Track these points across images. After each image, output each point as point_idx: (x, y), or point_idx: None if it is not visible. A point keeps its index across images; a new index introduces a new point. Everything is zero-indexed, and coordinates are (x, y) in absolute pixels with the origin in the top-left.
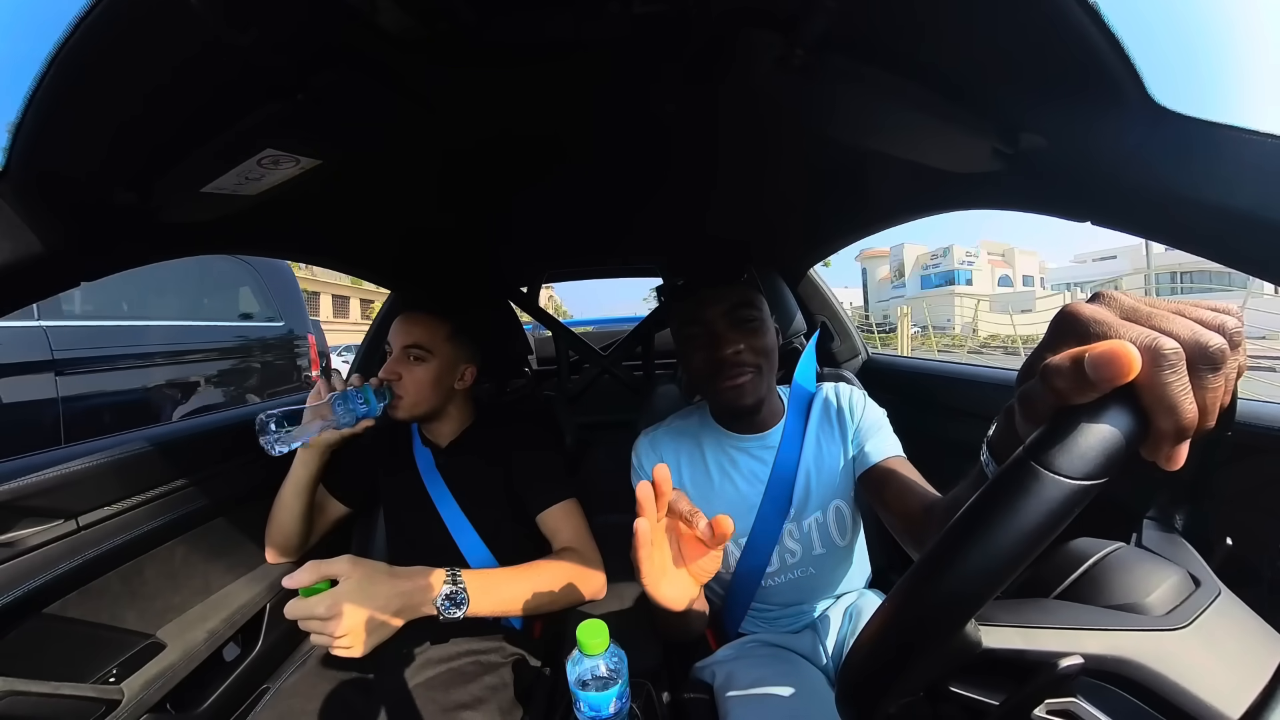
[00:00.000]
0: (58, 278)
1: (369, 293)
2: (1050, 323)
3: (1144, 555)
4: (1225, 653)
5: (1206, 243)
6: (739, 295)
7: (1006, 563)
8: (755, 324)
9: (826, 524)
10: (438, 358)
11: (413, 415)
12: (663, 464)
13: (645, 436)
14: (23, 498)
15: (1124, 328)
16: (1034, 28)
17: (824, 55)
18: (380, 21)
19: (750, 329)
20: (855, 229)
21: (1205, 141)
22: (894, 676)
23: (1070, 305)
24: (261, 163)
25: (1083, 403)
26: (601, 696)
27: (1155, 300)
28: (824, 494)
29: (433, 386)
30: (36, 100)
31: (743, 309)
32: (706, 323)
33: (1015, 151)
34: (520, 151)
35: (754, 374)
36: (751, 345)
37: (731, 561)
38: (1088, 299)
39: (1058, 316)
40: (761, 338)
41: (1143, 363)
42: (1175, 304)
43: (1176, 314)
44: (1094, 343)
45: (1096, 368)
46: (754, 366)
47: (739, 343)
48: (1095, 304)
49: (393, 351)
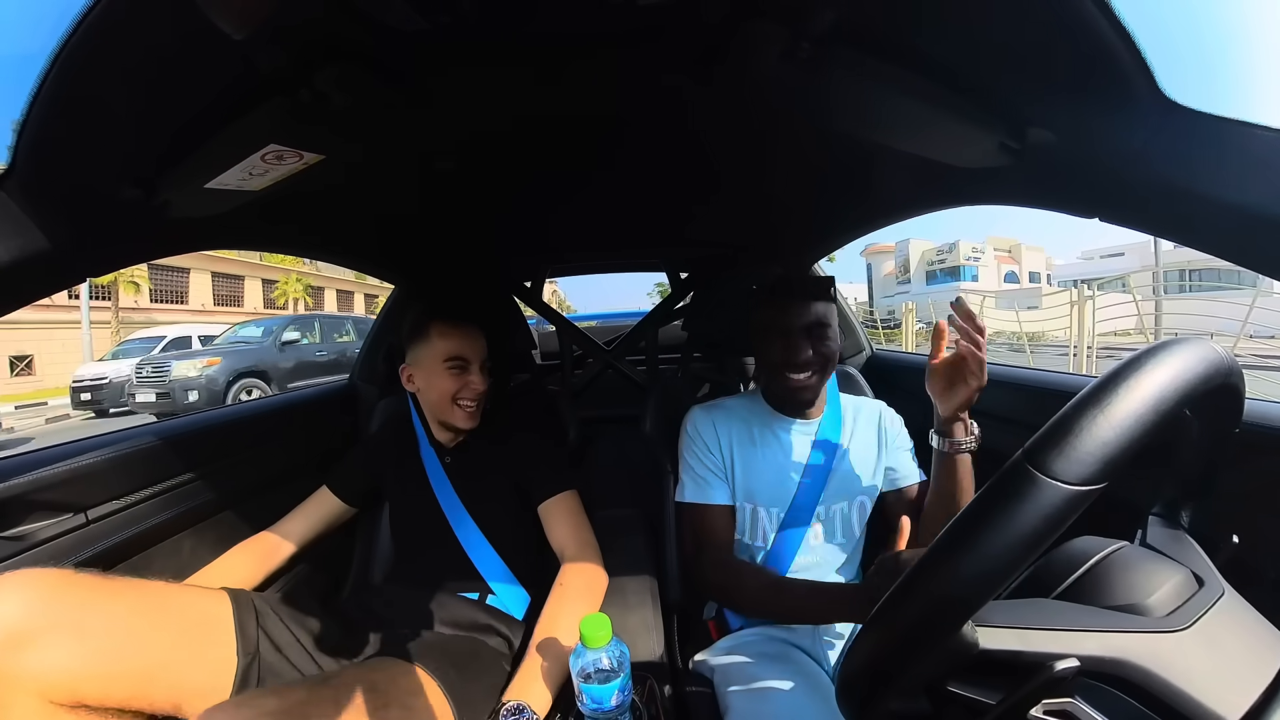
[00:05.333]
0: (64, 274)
1: (373, 288)
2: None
3: (1147, 554)
4: (1227, 654)
5: (1216, 240)
6: (823, 312)
7: (1002, 568)
8: (829, 337)
9: (850, 515)
10: (479, 363)
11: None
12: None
13: (700, 408)
14: (33, 491)
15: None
16: (1042, 20)
17: (830, 48)
18: (382, 16)
19: (823, 340)
20: (860, 224)
21: (1216, 137)
22: (893, 675)
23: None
24: (265, 158)
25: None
26: (604, 689)
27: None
28: (854, 486)
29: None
30: (41, 98)
31: (822, 326)
32: (790, 328)
33: (1023, 146)
34: (524, 145)
35: (817, 375)
36: (820, 352)
37: (770, 532)
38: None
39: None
40: (829, 346)
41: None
42: None
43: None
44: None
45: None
46: (819, 370)
47: (809, 349)
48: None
49: (471, 366)
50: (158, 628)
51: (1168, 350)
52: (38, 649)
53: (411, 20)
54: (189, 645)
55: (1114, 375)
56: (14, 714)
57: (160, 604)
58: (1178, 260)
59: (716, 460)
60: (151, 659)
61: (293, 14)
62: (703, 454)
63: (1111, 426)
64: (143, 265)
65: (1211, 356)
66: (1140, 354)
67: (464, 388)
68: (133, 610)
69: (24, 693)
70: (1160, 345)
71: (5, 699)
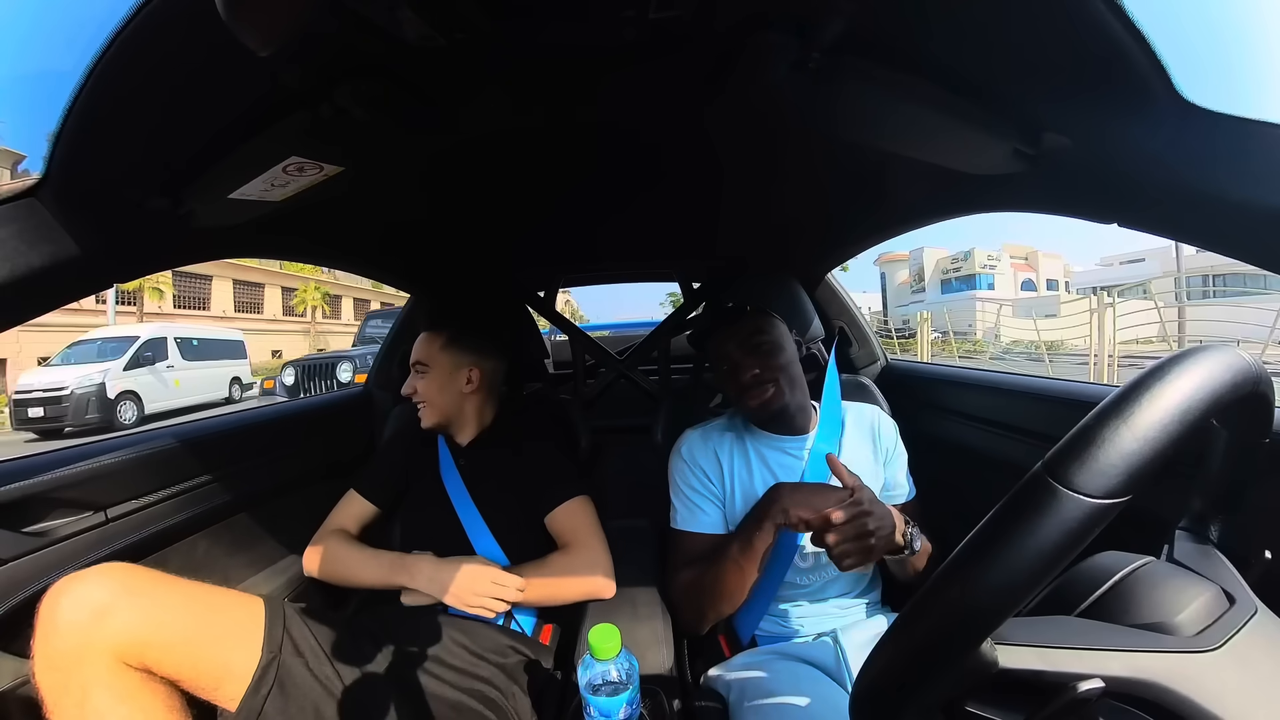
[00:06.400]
0: (93, 279)
1: (390, 296)
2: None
3: (1174, 570)
4: (1261, 677)
5: (1239, 244)
6: (750, 325)
7: (1022, 583)
8: (767, 346)
9: None
10: (434, 368)
11: (435, 421)
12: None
13: (695, 430)
14: (55, 490)
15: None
16: (1054, 23)
17: (840, 58)
18: (399, 32)
19: (764, 352)
20: (873, 233)
21: (1237, 138)
22: (908, 694)
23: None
24: (287, 170)
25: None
26: (612, 701)
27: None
28: None
29: (439, 394)
30: (74, 112)
31: (754, 336)
32: (727, 354)
33: (1038, 152)
34: (539, 157)
35: (774, 387)
36: (768, 364)
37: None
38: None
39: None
40: (776, 356)
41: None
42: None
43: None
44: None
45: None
46: (773, 381)
47: (755, 366)
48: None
49: (416, 367)
50: (204, 614)
51: (1192, 358)
52: (116, 618)
53: (429, 37)
54: (227, 634)
55: (1137, 384)
56: (95, 670)
57: (206, 597)
58: (1200, 265)
59: (715, 488)
60: (199, 639)
61: (315, 32)
62: (700, 480)
63: (1135, 437)
64: (167, 272)
65: (1239, 364)
66: (1164, 362)
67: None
68: (186, 598)
69: (103, 653)
70: (1185, 353)
71: (89, 658)
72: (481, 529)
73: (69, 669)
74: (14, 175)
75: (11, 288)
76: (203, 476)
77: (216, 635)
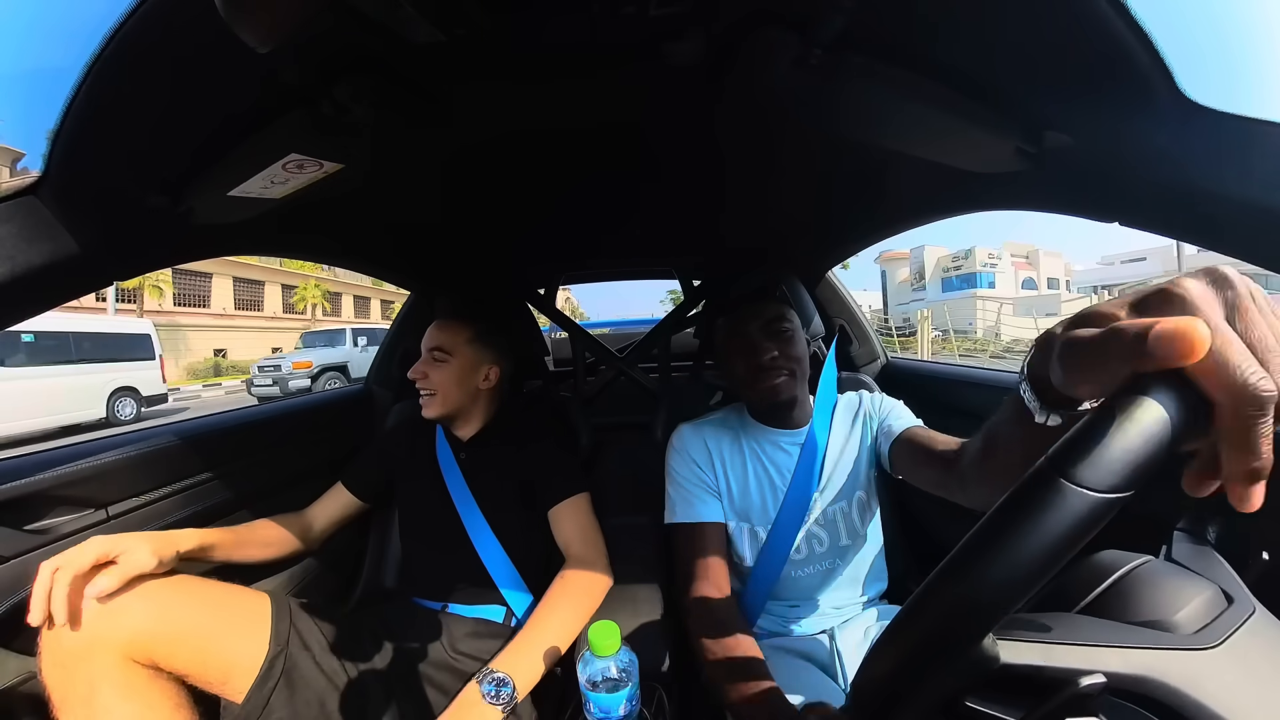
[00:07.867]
0: (93, 277)
1: (390, 294)
2: (1153, 291)
3: (1173, 569)
4: (1259, 675)
5: (1241, 244)
6: (774, 310)
7: (1025, 577)
8: (789, 334)
9: (851, 512)
10: (457, 359)
11: (441, 412)
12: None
13: (688, 425)
14: (57, 487)
15: (1229, 347)
16: (1056, 21)
17: (841, 55)
18: (400, 29)
19: (784, 338)
20: (874, 231)
21: (1240, 137)
22: (908, 689)
23: (1182, 282)
24: (286, 167)
25: (1126, 378)
26: (612, 698)
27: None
28: (848, 483)
29: (455, 385)
30: (74, 109)
31: (777, 322)
32: (747, 335)
33: (1039, 150)
34: (540, 155)
35: (788, 376)
36: (785, 352)
37: (755, 547)
38: (1208, 278)
39: (1165, 288)
40: (794, 345)
41: (1235, 400)
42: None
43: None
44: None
45: (1160, 339)
46: (788, 370)
47: (774, 350)
48: (1207, 288)
49: (423, 354)
50: (211, 609)
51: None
52: (124, 615)
53: (429, 34)
54: (234, 629)
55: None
56: (102, 666)
57: (212, 593)
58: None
59: (709, 477)
60: (206, 634)
61: (314, 29)
62: (694, 471)
63: (1139, 432)
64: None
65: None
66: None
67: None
68: (193, 594)
69: (110, 649)
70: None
71: (96, 654)
72: (480, 524)
73: (76, 665)
74: (13, 173)
75: (11, 286)
76: (204, 474)
77: (224, 630)
